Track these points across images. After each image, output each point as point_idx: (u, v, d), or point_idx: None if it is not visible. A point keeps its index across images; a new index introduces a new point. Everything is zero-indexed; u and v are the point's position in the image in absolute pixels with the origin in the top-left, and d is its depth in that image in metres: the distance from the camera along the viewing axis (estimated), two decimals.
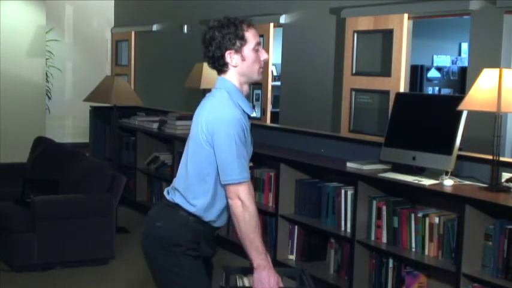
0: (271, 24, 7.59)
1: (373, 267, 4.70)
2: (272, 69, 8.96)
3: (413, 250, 4.40)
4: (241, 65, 2.80)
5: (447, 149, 4.32)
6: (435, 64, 9.57)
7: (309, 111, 7.14)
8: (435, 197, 4.32)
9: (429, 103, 4.80)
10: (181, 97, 9.23)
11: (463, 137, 4.38)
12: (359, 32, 6.51)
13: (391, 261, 4.56)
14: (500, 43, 5.29)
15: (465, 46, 9.65)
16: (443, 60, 9.86)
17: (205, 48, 2.82)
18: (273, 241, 5.46)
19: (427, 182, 4.27)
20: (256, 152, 2.91)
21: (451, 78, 9.06)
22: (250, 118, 2.85)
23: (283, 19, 7.44)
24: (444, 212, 4.32)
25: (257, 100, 7.70)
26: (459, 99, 4.20)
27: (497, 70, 4.01)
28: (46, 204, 5.35)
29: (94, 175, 5.60)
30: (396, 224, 4.50)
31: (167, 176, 6.97)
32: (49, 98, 10.67)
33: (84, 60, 11.44)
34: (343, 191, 4.88)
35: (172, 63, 9.57)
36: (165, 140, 7.36)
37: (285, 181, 5.35)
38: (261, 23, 7.63)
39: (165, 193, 2.92)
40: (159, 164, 7.26)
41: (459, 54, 10.13)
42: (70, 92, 11.35)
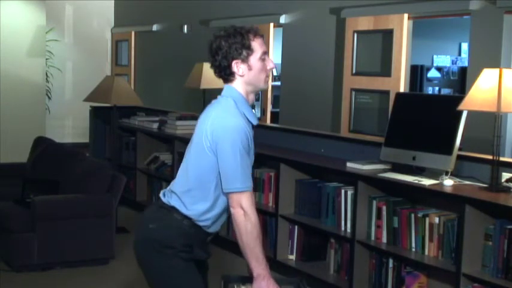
0: (271, 24, 7.59)
1: (373, 267, 4.70)
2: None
3: (413, 250, 4.40)
4: (247, 74, 2.80)
5: (447, 149, 4.32)
6: (435, 64, 9.58)
7: (309, 111, 7.14)
8: (435, 197, 4.32)
9: (429, 103, 4.80)
10: (181, 97, 9.23)
11: (463, 137, 4.38)
12: (359, 32, 6.51)
13: (391, 261, 4.56)
14: (500, 43, 5.29)
15: (465, 46, 9.66)
16: (443, 60, 9.86)
17: (211, 57, 2.82)
18: (273, 241, 5.46)
19: (427, 182, 4.27)
20: (256, 152, 2.91)
21: (451, 78, 9.06)
22: (254, 127, 2.85)
23: (283, 19, 7.44)
24: (444, 212, 4.32)
25: (257, 100, 7.71)
26: (459, 99, 4.20)
27: (497, 70, 4.01)
28: (46, 204, 5.35)
29: (94, 175, 5.60)
30: (396, 224, 4.50)
31: (167, 176, 6.98)
32: (49, 98, 10.67)
33: (84, 60, 11.45)
34: (343, 191, 4.88)
35: (172, 63, 9.57)
36: (165, 140, 7.37)
37: (285, 181, 5.35)
38: (261, 23, 7.63)
39: (161, 195, 2.92)
40: (159, 164, 7.26)
41: (459, 54, 10.13)
42: (70, 92, 11.36)
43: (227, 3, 8.35)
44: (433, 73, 8.92)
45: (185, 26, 9.08)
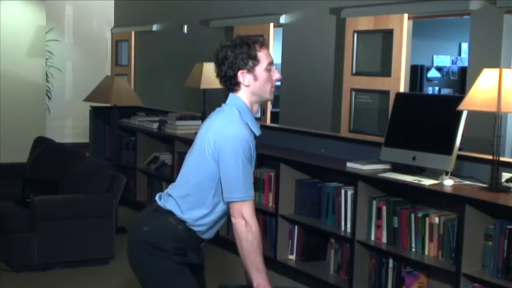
0: (271, 24, 7.59)
1: (373, 267, 4.70)
2: None
3: (413, 250, 4.40)
4: (253, 85, 2.81)
5: (447, 149, 4.32)
6: (435, 64, 9.57)
7: (309, 111, 7.14)
8: (435, 197, 4.32)
9: (429, 103, 4.80)
10: (181, 97, 9.23)
11: (463, 137, 4.38)
12: (359, 32, 6.50)
13: (391, 261, 4.56)
14: (500, 43, 5.29)
15: (465, 46, 9.65)
16: (443, 60, 9.86)
17: (217, 67, 2.83)
18: (273, 241, 5.46)
19: (427, 182, 4.27)
20: (256, 153, 2.91)
21: (451, 78, 9.06)
22: (256, 138, 2.85)
23: (283, 19, 7.44)
24: (444, 212, 4.32)
25: None
26: (459, 99, 4.20)
27: (497, 70, 4.01)
28: (46, 204, 5.35)
29: (94, 175, 5.60)
30: (396, 224, 4.50)
31: (167, 176, 6.98)
32: (49, 98, 10.67)
33: (84, 60, 11.44)
34: (343, 191, 4.88)
35: (172, 63, 9.57)
36: (165, 140, 7.37)
37: (285, 181, 5.35)
38: (261, 23, 7.64)
39: (157, 198, 2.93)
40: (159, 164, 7.26)
41: (459, 54, 10.13)
42: (70, 92, 11.35)
43: (227, 3, 8.34)
44: (433, 73, 8.92)
45: (185, 26, 9.07)
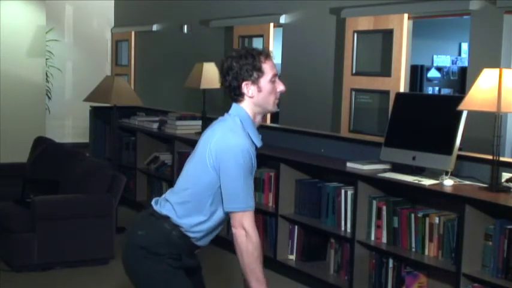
0: (271, 24, 7.59)
1: (373, 267, 4.70)
2: None
3: (413, 250, 4.40)
4: (257, 96, 2.82)
5: (447, 149, 4.32)
6: (435, 64, 9.57)
7: (309, 111, 7.14)
8: (435, 197, 4.32)
9: (429, 103, 4.80)
10: (181, 97, 9.23)
11: (463, 137, 4.38)
12: (359, 32, 6.50)
13: (391, 261, 4.56)
14: (500, 43, 5.29)
15: (465, 46, 9.65)
16: (443, 60, 9.85)
17: (222, 77, 2.83)
18: (273, 241, 5.46)
19: (427, 182, 4.27)
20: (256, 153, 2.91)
21: (451, 78, 9.06)
22: (257, 149, 2.85)
23: (283, 19, 7.43)
24: (444, 212, 4.32)
25: None
26: (459, 99, 4.20)
27: (497, 70, 4.01)
28: (46, 204, 5.35)
29: (94, 175, 5.60)
30: (396, 224, 4.50)
31: (167, 176, 6.98)
32: (49, 98, 10.67)
33: (84, 60, 11.44)
34: (343, 191, 4.88)
35: (172, 63, 9.57)
36: (165, 140, 7.37)
37: (285, 181, 5.35)
38: (261, 23, 7.63)
39: (153, 203, 2.93)
40: (159, 164, 7.26)
41: (459, 54, 10.13)
42: (70, 92, 11.35)
43: (227, 3, 8.34)
44: (433, 73, 8.92)
45: (185, 26, 9.07)
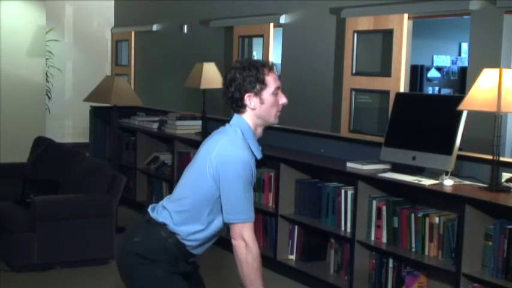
0: (271, 24, 7.58)
1: (373, 267, 4.70)
2: None
3: (413, 250, 4.40)
4: (259, 108, 2.82)
5: (447, 149, 4.32)
6: (435, 64, 9.57)
7: (309, 111, 7.13)
8: (435, 197, 4.32)
9: (429, 103, 4.80)
10: (181, 97, 9.22)
11: (463, 137, 4.38)
12: (359, 32, 6.50)
13: (391, 261, 4.56)
14: (500, 43, 5.29)
15: (465, 46, 9.65)
16: (443, 60, 9.85)
17: (225, 88, 2.83)
18: (273, 241, 5.46)
19: (427, 182, 4.27)
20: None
21: (451, 78, 9.06)
22: (257, 161, 2.85)
23: (283, 19, 7.43)
24: (444, 212, 4.32)
25: None
26: (459, 99, 4.20)
27: (497, 70, 4.01)
28: (46, 204, 5.35)
29: (94, 175, 5.60)
30: (396, 224, 4.50)
31: (167, 176, 6.98)
32: (49, 98, 10.67)
33: (84, 60, 11.45)
34: (343, 191, 4.88)
35: (172, 63, 9.57)
36: (165, 140, 7.37)
37: (285, 181, 5.35)
38: (261, 23, 7.63)
39: (150, 209, 2.92)
40: (159, 164, 7.26)
41: (459, 54, 10.12)
42: (70, 92, 11.36)
43: (227, 3, 8.34)
44: (433, 73, 8.91)
45: (185, 26, 9.07)
